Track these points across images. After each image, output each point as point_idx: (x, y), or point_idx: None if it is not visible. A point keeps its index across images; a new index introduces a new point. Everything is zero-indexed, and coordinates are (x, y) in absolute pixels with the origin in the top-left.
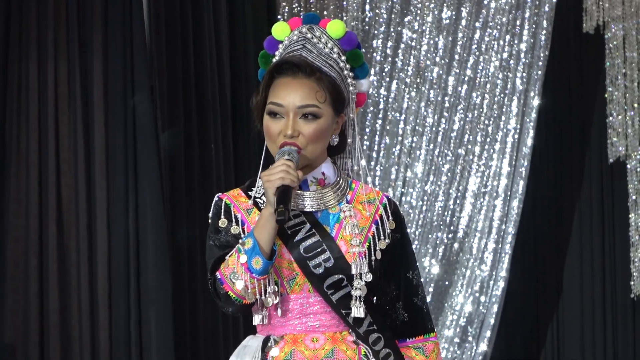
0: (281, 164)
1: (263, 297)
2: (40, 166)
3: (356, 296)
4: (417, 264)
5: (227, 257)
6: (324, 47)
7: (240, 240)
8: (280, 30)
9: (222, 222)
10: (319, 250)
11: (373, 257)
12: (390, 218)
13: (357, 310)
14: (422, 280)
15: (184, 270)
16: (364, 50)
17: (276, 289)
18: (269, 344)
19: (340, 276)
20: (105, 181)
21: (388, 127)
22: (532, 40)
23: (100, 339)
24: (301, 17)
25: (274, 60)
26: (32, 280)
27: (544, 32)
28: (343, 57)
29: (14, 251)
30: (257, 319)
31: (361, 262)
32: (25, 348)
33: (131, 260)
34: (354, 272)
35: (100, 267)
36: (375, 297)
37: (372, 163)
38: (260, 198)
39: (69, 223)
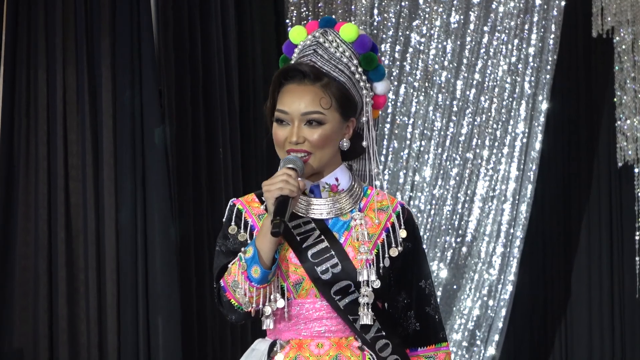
0: (282, 173)
1: (261, 307)
2: (49, 171)
3: (364, 303)
4: (431, 273)
5: (229, 266)
6: (335, 51)
7: (242, 249)
8: (296, 34)
9: (232, 229)
10: (327, 256)
11: (381, 265)
12: (403, 226)
13: (365, 318)
14: None
15: (191, 276)
16: (378, 54)
17: (279, 297)
18: (275, 349)
19: (348, 282)
20: (114, 187)
21: (396, 131)
22: (540, 45)
23: (108, 344)
24: (318, 20)
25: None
26: (41, 285)
27: (553, 36)
28: (355, 61)
29: (23, 255)
30: (264, 324)
31: (368, 269)
32: (34, 353)
33: (139, 266)
34: (361, 279)
35: (109, 272)
36: (384, 304)
37: (381, 167)
38: None
39: (77, 228)
